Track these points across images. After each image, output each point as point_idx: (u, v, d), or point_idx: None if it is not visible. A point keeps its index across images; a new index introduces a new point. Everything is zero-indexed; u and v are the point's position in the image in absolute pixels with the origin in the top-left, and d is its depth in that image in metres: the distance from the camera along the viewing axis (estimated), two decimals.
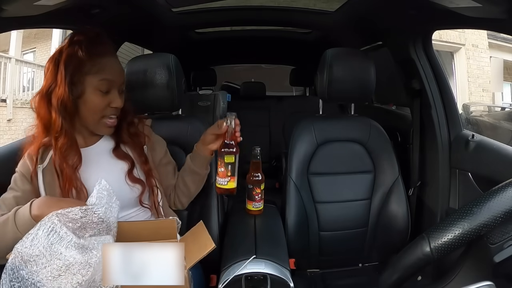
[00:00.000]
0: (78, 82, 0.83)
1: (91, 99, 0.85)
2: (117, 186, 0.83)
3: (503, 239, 0.57)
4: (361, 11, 1.40)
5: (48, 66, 0.84)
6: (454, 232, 0.57)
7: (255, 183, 1.14)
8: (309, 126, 1.29)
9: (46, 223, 0.65)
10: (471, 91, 4.93)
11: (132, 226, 0.78)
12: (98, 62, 0.84)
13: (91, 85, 0.84)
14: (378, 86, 1.28)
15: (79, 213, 0.67)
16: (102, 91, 0.85)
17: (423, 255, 0.59)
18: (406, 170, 1.37)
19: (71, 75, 0.82)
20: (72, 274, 0.63)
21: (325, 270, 1.29)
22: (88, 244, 0.66)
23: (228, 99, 2.45)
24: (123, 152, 0.93)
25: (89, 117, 0.87)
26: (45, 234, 0.64)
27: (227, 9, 1.64)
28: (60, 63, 0.82)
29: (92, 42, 0.84)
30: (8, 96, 5.12)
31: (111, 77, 0.86)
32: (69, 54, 0.82)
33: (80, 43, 0.83)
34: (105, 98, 0.86)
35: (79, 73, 0.83)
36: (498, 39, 4.81)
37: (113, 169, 0.90)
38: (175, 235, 0.77)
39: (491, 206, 0.57)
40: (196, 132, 1.18)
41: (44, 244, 0.63)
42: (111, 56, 0.88)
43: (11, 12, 0.84)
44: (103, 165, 0.90)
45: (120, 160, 0.92)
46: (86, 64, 0.83)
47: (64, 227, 0.65)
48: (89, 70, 0.84)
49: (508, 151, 1.11)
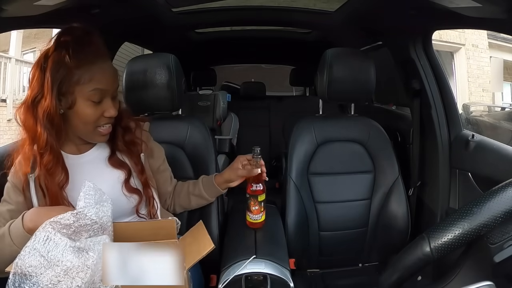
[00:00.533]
0: (67, 92, 0.76)
1: (83, 110, 0.78)
2: (113, 196, 0.79)
3: (503, 239, 0.57)
4: (361, 11, 1.40)
5: (34, 73, 0.77)
6: (454, 232, 0.57)
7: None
8: (309, 126, 1.30)
9: (40, 233, 0.65)
10: (471, 91, 4.93)
11: (130, 227, 0.78)
12: (88, 69, 0.76)
13: (82, 95, 0.77)
14: (378, 86, 1.28)
15: (71, 218, 0.66)
16: (94, 101, 0.78)
17: (423, 255, 0.59)
18: (406, 170, 1.37)
19: (59, 85, 0.75)
20: (71, 278, 0.63)
21: (325, 270, 1.29)
22: (84, 246, 0.66)
23: (228, 99, 2.45)
24: (119, 160, 0.88)
25: (81, 127, 0.81)
26: (41, 243, 0.64)
27: (227, 9, 1.64)
28: (47, 70, 0.75)
29: (80, 44, 0.76)
30: (8, 96, 5.12)
31: (103, 86, 0.79)
32: (56, 60, 0.74)
33: (67, 46, 0.75)
34: (98, 108, 0.79)
35: (67, 83, 0.75)
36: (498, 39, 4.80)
37: (109, 178, 0.85)
38: (174, 235, 0.77)
39: (491, 206, 0.57)
40: (196, 132, 1.18)
41: (42, 253, 0.63)
42: (103, 60, 0.80)
43: (11, 12, 0.84)
44: (98, 174, 0.85)
45: (116, 169, 0.87)
46: (75, 73, 0.75)
47: (59, 233, 0.65)
48: (79, 80, 0.76)
49: (508, 151, 1.11)
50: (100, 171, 0.85)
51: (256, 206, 1.00)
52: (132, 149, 0.90)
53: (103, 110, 0.80)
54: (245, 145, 2.44)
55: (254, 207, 1.01)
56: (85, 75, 0.76)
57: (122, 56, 1.75)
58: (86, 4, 1.08)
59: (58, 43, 0.76)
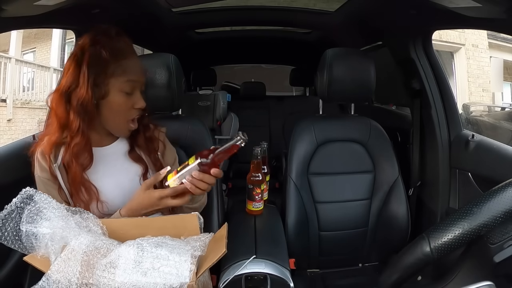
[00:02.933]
0: (102, 83, 0.82)
1: (116, 101, 0.84)
2: (132, 188, 0.85)
3: (503, 239, 0.57)
4: (361, 11, 1.40)
5: (69, 65, 0.82)
6: (454, 232, 0.57)
7: (255, 183, 1.14)
8: (309, 126, 1.30)
9: None
10: (471, 91, 4.92)
11: (153, 224, 0.77)
12: (122, 63, 0.83)
13: (116, 86, 0.83)
14: (378, 86, 1.28)
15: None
16: (126, 92, 0.84)
17: (423, 255, 0.59)
18: (406, 170, 1.37)
19: (95, 76, 0.81)
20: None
21: (325, 270, 1.29)
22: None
23: (228, 99, 2.45)
24: (138, 155, 0.92)
25: (111, 118, 0.86)
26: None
27: (227, 9, 1.64)
28: (83, 63, 0.80)
29: (115, 41, 0.83)
30: (8, 96, 5.12)
31: (135, 78, 0.85)
32: (93, 54, 0.81)
33: (103, 43, 0.82)
34: (129, 99, 0.85)
35: (103, 75, 0.82)
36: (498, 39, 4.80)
37: (128, 171, 0.90)
38: (197, 232, 0.76)
39: (491, 206, 0.57)
40: (196, 132, 1.18)
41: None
42: (133, 55, 0.88)
43: (11, 12, 0.84)
44: (118, 166, 0.89)
45: (135, 163, 0.91)
46: (111, 66, 0.82)
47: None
48: (114, 72, 0.82)
49: (508, 151, 1.11)
50: (121, 163, 0.90)
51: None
52: (150, 146, 0.93)
53: (134, 101, 0.86)
54: (245, 145, 2.43)
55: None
56: (119, 68, 0.83)
57: None
58: (86, 4, 1.08)
59: (94, 40, 0.82)
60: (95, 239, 0.66)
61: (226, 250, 0.70)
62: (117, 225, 0.75)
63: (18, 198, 0.68)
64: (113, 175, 0.87)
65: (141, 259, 0.65)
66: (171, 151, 1.01)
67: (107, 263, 0.64)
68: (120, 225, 0.75)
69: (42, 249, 0.65)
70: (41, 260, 0.66)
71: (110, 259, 0.64)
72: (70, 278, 0.62)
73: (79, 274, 0.62)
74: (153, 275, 0.64)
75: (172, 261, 0.65)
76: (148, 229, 0.74)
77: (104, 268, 0.63)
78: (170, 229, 0.74)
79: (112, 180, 0.87)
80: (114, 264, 0.64)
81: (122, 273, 0.63)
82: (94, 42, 0.82)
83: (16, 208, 0.67)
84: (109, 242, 0.68)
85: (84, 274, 0.62)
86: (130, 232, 0.73)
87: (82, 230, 0.67)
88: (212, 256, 0.69)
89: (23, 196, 0.68)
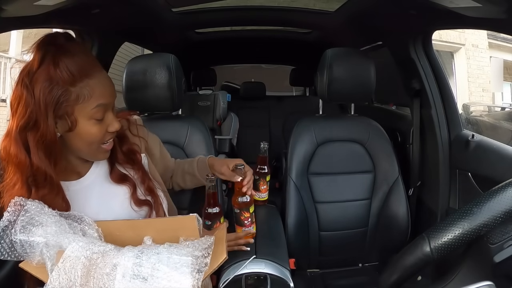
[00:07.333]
0: (66, 114, 0.66)
1: (87, 131, 0.69)
2: (124, 214, 0.77)
3: (503, 239, 0.57)
4: (361, 11, 1.40)
5: (17, 95, 0.64)
6: (454, 232, 0.57)
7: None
8: (309, 126, 1.30)
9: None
10: (471, 91, 4.92)
11: (151, 225, 0.75)
12: (86, 84, 0.66)
13: (84, 115, 0.68)
14: (378, 86, 1.28)
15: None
16: (98, 119, 0.69)
17: (423, 255, 0.59)
18: (406, 170, 1.37)
19: (55, 108, 0.64)
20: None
21: (325, 270, 1.29)
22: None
23: (228, 99, 2.45)
24: (121, 174, 0.80)
25: (84, 148, 0.72)
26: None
27: (227, 9, 1.64)
28: (35, 91, 0.63)
29: (69, 55, 0.65)
30: (8, 96, 5.12)
31: (106, 101, 0.70)
32: (45, 78, 0.63)
33: (54, 59, 0.64)
34: (102, 125, 0.71)
35: (65, 103, 0.65)
36: (498, 39, 4.80)
37: (116, 196, 0.79)
38: (197, 234, 0.72)
39: (491, 206, 0.56)
40: (196, 132, 1.18)
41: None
42: (98, 70, 0.70)
43: (11, 12, 0.83)
44: (104, 195, 0.78)
45: (120, 185, 0.79)
46: (72, 91, 0.65)
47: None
48: (78, 98, 0.66)
49: (508, 151, 1.11)
50: (106, 192, 0.78)
51: (264, 186, 1.14)
52: (132, 157, 0.82)
53: (107, 125, 0.72)
54: (245, 145, 2.44)
55: (263, 186, 1.14)
56: (84, 91, 0.66)
57: (122, 56, 1.75)
58: (86, 4, 1.08)
59: (42, 56, 0.64)
60: (91, 245, 0.63)
61: (227, 256, 0.67)
62: (113, 227, 0.72)
63: (10, 212, 0.64)
64: (101, 206, 0.76)
65: (140, 268, 0.63)
66: (155, 141, 0.94)
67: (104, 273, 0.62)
68: (116, 227, 0.72)
69: (37, 256, 0.63)
70: (36, 267, 0.64)
71: (108, 270, 0.62)
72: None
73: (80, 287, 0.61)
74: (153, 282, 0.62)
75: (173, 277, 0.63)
76: (145, 230, 0.71)
77: (101, 277, 0.62)
78: (168, 231, 0.71)
79: (103, 211, 0.76)
80: (112, 275, 0.62)
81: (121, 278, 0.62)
82: (42, 58, 0.64)
83: (9, 223, 0.63)
84: (105, 247, 0.65)
85: (83, 287, 0.61)
86: (126, 234, 0.70)
87: (76, 235, 0.65)
88: (212, 263, 0.67)
89: (13, 209, 0.64)
